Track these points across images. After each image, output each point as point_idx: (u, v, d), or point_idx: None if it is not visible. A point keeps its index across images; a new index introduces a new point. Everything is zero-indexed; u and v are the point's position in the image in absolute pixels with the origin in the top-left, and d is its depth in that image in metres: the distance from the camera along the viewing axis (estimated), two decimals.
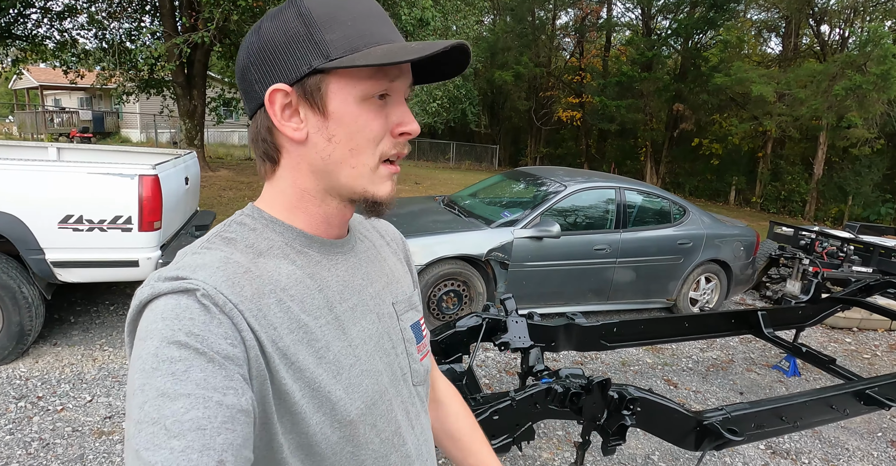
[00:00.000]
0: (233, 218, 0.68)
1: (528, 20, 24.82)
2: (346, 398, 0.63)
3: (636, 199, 5.10)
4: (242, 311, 0.56)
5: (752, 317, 3.82)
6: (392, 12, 7.50)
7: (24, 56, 11.26)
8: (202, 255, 0.61)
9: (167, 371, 0.50)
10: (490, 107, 28.23)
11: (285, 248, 0.66)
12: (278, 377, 0.58)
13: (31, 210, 3.19)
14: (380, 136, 0.64)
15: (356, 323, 0.68)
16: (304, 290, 0.64)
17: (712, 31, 20.51)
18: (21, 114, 25.38)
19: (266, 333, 0.57)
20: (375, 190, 0.66)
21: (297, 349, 0.60)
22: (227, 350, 0.53)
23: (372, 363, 0.69)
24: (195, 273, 0.56)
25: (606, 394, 2.10)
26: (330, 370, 0.62)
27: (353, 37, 0.61)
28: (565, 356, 4.23)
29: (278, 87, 0.61)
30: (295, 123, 0.63)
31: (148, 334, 0.52)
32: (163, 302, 0.54)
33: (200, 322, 0.53)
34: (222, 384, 0.51)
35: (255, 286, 0.59)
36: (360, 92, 0.62)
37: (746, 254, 5.53)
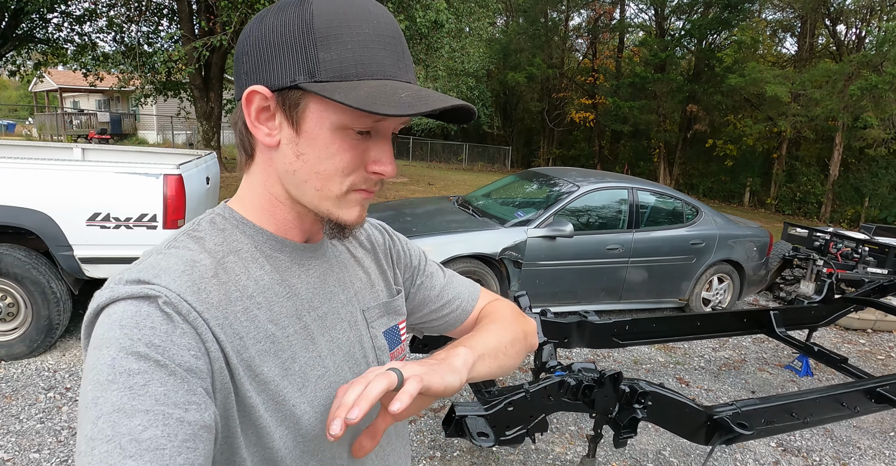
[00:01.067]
0: (203, 216, 0.65)
1: (540, 21, 24.83)
2: (310, 411, 0.61)
3: (649, 199, 5.13)
4: (207, 320, 0.53)
5: (764, 317, 3.84)
6: (407, 14, 7.59)
7: (45, 59, 11.51)
8: (167, 256, 0.57)
9: (124, 385, 0.46)
10: (503, 108, 28.26)
11: (254, 251, 0.63)
12: (243, 389, 0.55)
13: (60, 208, 3.31)
14: (350, 168, 0.60)
15: (326, 332, 0.66)
16: (273, 297, 0.61)
17: (726, 32, 20.40)
18: (41, 116, 25.86)
19: (231, 343, 0.55)
20: (340, 214, 0.62)
21: (262, 361, 0.57)
22: (189, 363, 0.50)
23: (340, 374, 0.66)
24: (158, 277, 0.53)
25: (618, 388, 2.16)
26: (295, 382, 0.60)
27: (348, 62, 0.56)
28: (578, 355, 4.28)
29: (258, 89, 0.58)
30: (269, 127, 0.60)
31: (104, 342, 0.49)
32: (121, 308, 0.51)
33: (162, 332, 0.50)
34: (184, 399, 0.48)
35: (221, 293, 0.56)
36: (338, 121, 0.58)
37: (759, 255, 5.54)
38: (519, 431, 2.09)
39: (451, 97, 0.58)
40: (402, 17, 7.49)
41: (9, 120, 29.27)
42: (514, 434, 2.08)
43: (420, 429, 2.98)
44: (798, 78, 15.54)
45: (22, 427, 2.80)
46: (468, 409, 1.98)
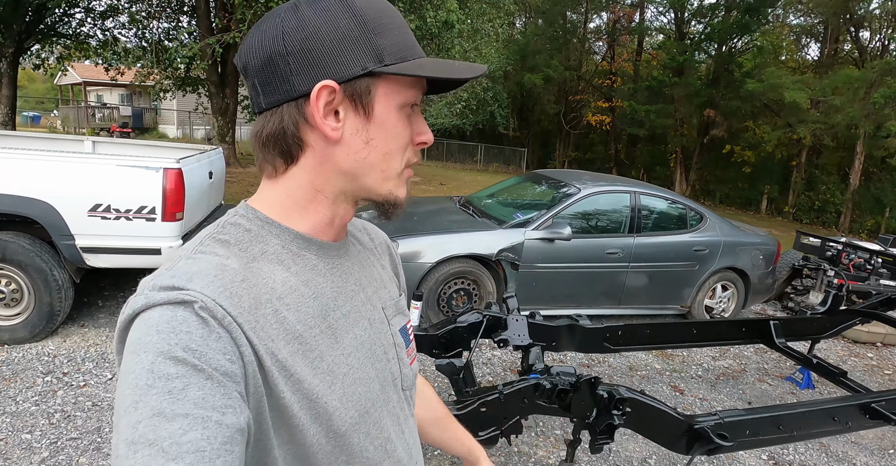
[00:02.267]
0: (226, 218, 0.66)
1: (559, 23, 24.73)
2: (340, 407, 0.63)
3: (651, 204, 5.09)
4: (241, 324, 0.55)
5: (763, 326, 3.77)
6: (418, 14, 7.62)
7: (68, 53, 11.76)
8: (197, 260, 0.59)
9: (163, 389, 0.48)
10: (519, 110, 28.18)
11: (281, 251, 0.64)
12: (277, 390, 0.57)
13: (63, 199, 3.38)
14: (407, 143, 0.66)
15: (349, 330, 0.68)
16: (300, 298, 0.63)
17: (747, 36, 20.13)
18: (65, 108, 26.41)
19: (264, 345, 0.56)
20: (399, 193, 0.68)
21: (294, 361, 0.59)
22: (225, 367, 0.51)
23: (364, 370, 0.68)
24: (191, 282, 0.54)
25: (595, 393, 2.14)
26: (325, 380, 0.62)
27: (402, 46, 0.62)
28: (573, 359, 4.26)
29: (328, 83, 0.59)
30: (332, 121, 0.62)
31: (141, 347, 0.50)
32: (157, 313, 0.52)
33: (198, 337, 0.51)
34: (221, 402, 0.49)
35: (252, 296, 0.58)
36: (402, 100, 0.64)
37: (766, 263, 5.46)
38: (492, 432, 2.09)
39: (482, 65, 0.68)
40: (412, 17, 7.51)
41: (35, 112, 29.91)
42: (487, 435, 2.08)
43: None
44: (818, 84, 15.27)
45: (17, 409, 2.88)
46: None
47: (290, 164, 0.64)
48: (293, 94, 0.60)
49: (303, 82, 0.60)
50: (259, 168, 0.67)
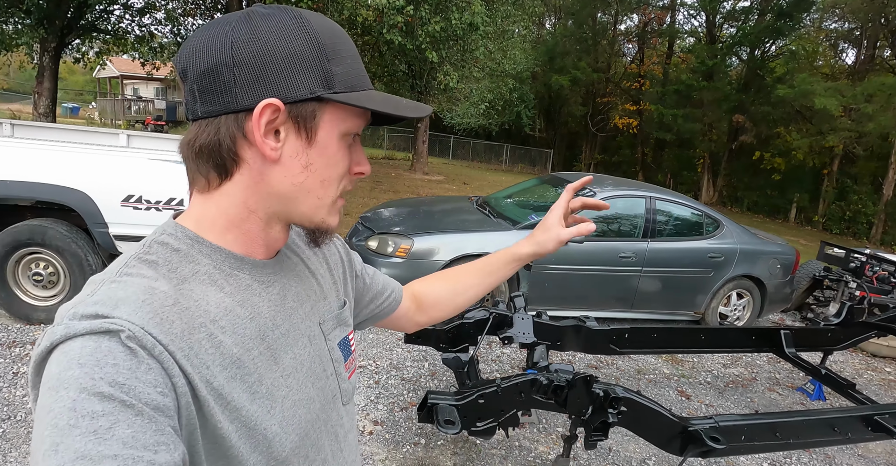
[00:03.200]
0: (153, 237, 0.62)
1: (588, 24, 24.60)
2: (281, 433, 0.61)
3: (667, 209, 5.11)
4: (173, 352, 0.51)
5: (774, 335, 3.78)
6: (443, 16, 7.72)
7: (106, 48, 12.19)
8: (122, 284, 0.54)
9: (88, 429, 0.44)
10: (546, 111, 28.11)
11: (213, 272, 0.61)
12: (213, 421, 0.54)
13: (99, 189, 3.58)
14: (345, 172, 0.65)
15: (288, 350, 0.66)
16: (236, 320, 0.60)
17: (781, 41, 19.76)
18: (103, 101, 27.22)
19: (199, 373, 0.53)
20: (331, 221, 0.67)
21: (231, 388, 0.56)
22: (156, 401, 0.48)
23: (304, 391, 0.67)
24: (117, 310, 0.51)
25: (591, 390, 2.22)
26: (264, 405, 0.60)
27: (352, 76, 0.62)
28: (581, 360, 4.32)
29: (273, 102, 0.57)
30: (272, 141, 0.59)
31: (62, 382, 0.46)
32: (79, 345, 0.48)
33: (126, 369, 0.47)
34: (153, 440, 0.46)
35: (184, 321, 0.54)
36: (346, 128, 0.63)
37: (784, 272, 5.43)
38: (490, 423, 2.19)
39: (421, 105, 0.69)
40: (437, 18, 7.62)
41: (74, 103, 30.87)
42: (484, 426, 2.18)
43: (410, 416, 3.11)
44: (851, 91, 14.93)
45: None
46: (441, 397, 2.10)
47: (224, 179, 0.61)
48: (234, 107, 0.58)
49: (246, 96, 0.57)
50: (190, 181, 0.64)
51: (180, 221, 0.64)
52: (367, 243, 4.53)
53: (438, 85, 9.98)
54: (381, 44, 8.03)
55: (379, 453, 2.79)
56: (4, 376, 3.09)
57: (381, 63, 13.01)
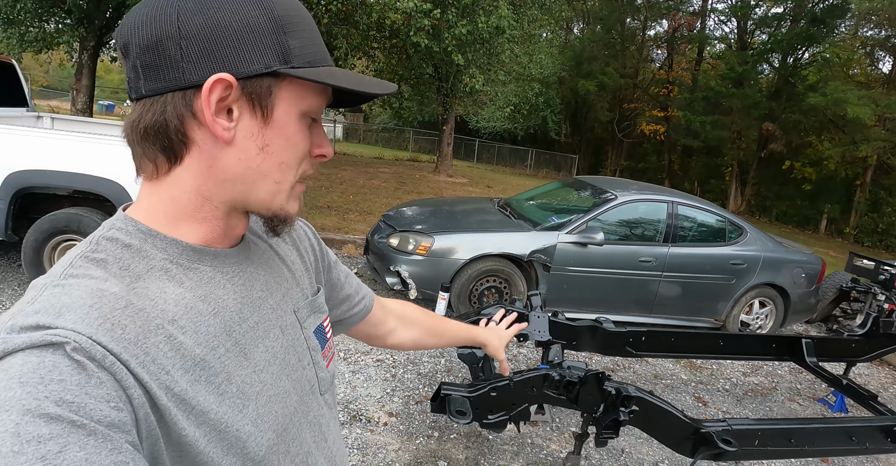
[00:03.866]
0: (100, 233, 0.57)
1: (617, 30, 24.46)
2: (255, 431, 0.58)
3: (689, 214, 5.08)
4: (126, 361, 0.47)
5: (795, 344, 3.73)
6: (470, 19, 7.79)
7: None
8: (67, 288, 0.50)
9: (35, 455, 0.39)
10: (572, 116, 28.00)
11: (169, 266, 0.56)
12: (176, 429, 0.50)
13: (132, 180, 3.70)
14: (305, 155, 0.61)
15: (259, 343, 0.62)
16: (197, 317, 0.56)
17: (814, 48, 19.38)
18: None
19: (157, 380, 0.49)
20: (290, 208, 0.62)
21: (195, 391, 0.52)
22: (110, 417, 0.44)
23: (280, 384, 0.63)
24: (61, 318, 0.46)
25: (603, 388, 2.25)
26: (234, 405, 0.56)
27: (311, 50, 0.58)
28: (598, 363, 4.32)
29: (224, 77, 0.52)
30: (224, 120, 0.54)
31: (2, 405, 0.41)
32: (20, 361, 0.43)
33: (74, 385, 0.43)
34: (109, 460, 0.42)
35: (138, 324, 0.50)
36: (306, 107, 0.58)
37: (808, 282, 5.35)
38: (501, 416, 2.22)
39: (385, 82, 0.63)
40: (464, 22, 7.69)
41: (110, 101, 31.73)
42: (496, 419, 2.22)
43: (424, 409, 3.16)
44: (886, 100, 14.56)
45: None
46: (453, 388, 2.14)
47: (172, 163, 0.56)
48: (181, 83, 0.53)
49: (195, 72, 0.52)
50: (137, 167, 0.58)
51: (130, 213, 0.59)
52: (389, 240, 4.60)
53: (464, 88, 10.05)
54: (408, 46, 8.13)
55: (393, 443, 2.84)
56: None
57: (408, 65, 13.14)
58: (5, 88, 5.14)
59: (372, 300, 0.99)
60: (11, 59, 5.27)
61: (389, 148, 25.28)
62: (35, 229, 3.79)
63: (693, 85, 23.63)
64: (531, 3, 10.32)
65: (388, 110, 13.90)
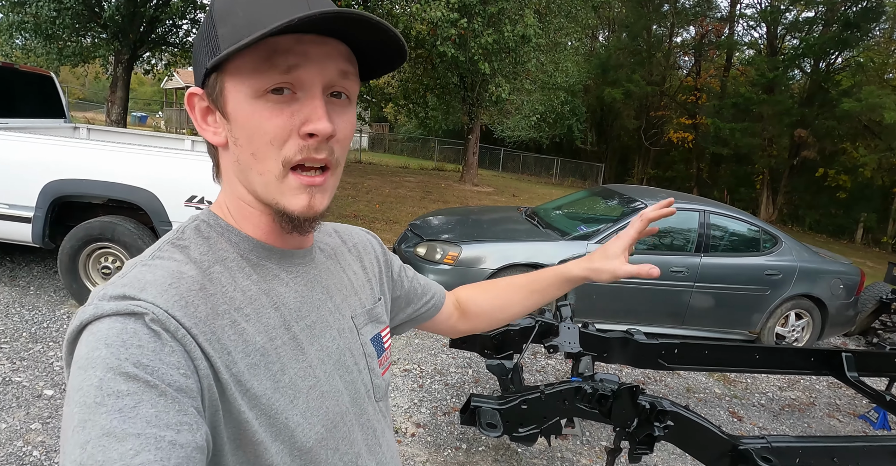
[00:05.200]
0: (187, 223, 0.63)
1: (643, 37, 24.26)
2: (304, 423, 0.60)
3: (722, 223, 4.96)
4: (196, 336, 0.52)
5: (834, 358, 3.61)
6: (496, 28, 7.79)
7: (174, 60, 12.88)
8: (152, 267, 0.56)
9: (113, 407, 0.44)
10: (598, 124, 27.80)
11: (240, 260, 0.62)
12: (234, 406, 0.54)
13: (165, 189, 3.79)
14: (280, 137, 0.56)
15: (315, 341, 0.65)
16: (260, 308, 0.60)
17: (847, 52, 18.92)
18: (169, 110, 28.65)
19: (220, 358, 0.54)
20: (286, 202, 0.59)
21: (251, 375, 0.56)
22: (179, 382, 0.48)
23: (332, 383, 0.65)
24: (144, 292, 0.52)
25: (637, 402, 2.19)
26: (286, 394, 0.59)
27: (241, 26, 0.54)
28: (628, 375, 4.23)
29: (193, 90, 0.59)
30: (213, 126, 0.60)
31: (90, 362, 0.47)
32: (106, 325, 0.49)
33: (150, 351, 0.48)
34: (175, 419, 0.46)
35: (209, 306, 0.55)
36: (248, 88, 0.56)
37: (847, 293, 5.17)
38: (532, 430, 2.18)
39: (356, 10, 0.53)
40: (490, 31, 7.69)
41: (142, 113, 32.60)
42: (527, 432, 2.18)
43: (452, 421, 3.13)
44: None
45: None
46: (484, 401, 2.11)
47: (217, 167, 0.65)
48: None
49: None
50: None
51: (213, 208, 0.66)
52: (416, 249, 4.59)
53: (490, 97, 10.05)
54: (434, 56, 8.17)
55: (420, 455, 2.81)
56: None
57: (434, 75, 13.20)
58: (45, 100, 5.31)
59: (442, 297, 1.00)
60: (50, 72, 5.44)
61: (415, 157, 25.42)
62: (71, 237, 3.88)
63: (722, 92, 23.26)
64: (557, 12, 10.31)
65: (414, 120, 13.98)
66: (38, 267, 4.76)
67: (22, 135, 3.89)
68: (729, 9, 23.47)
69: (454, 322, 1.03)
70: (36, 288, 4.31)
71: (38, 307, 3.98)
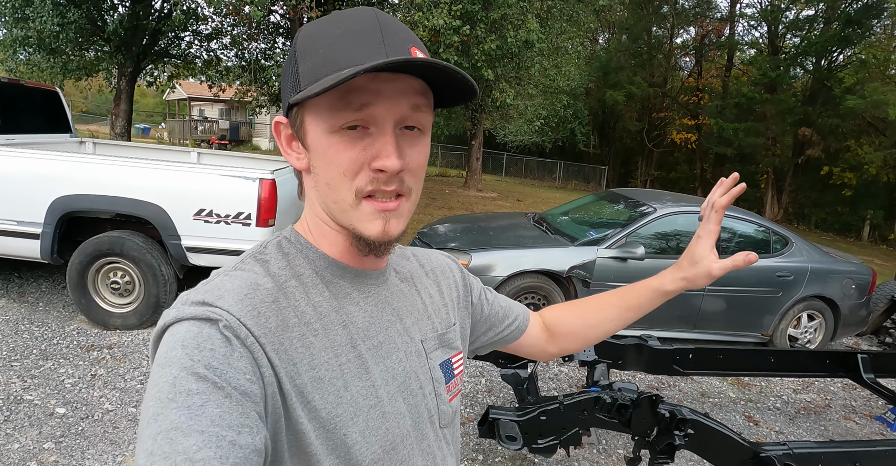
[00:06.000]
0: (271, 239, 0.68)
1: (643, 39, 24.27)
2: (361, 441, 0.61)
3: (731, 226, 4.93)
4: (264, 345, 0.55)
5: (850, 359, 3.57)
6: (499, 34, 7.79)
7: (177, 72, 12.94)
8: (233, 278, 0.60)
9: (183, 404, 0.48)
10: (601, 127, 27.78)
11: (315, 277, 0.65)
12: (294, 415, 0.57)
13: (173, 203, 3.78)
14: (353, 169, 0.60)
15: (380, 362, 0.66)
16: (329, 324, 0.62)
17: (849, 50, 18.87)
18: (172, 121, 28.79)
19: (285, 369, 0.56)
20: (362, 228, 0.62)
21: (314, 388, 0.58)
22: (244, 386, 0.51)
23: (394, 404, 0.66)
24: (221, 300, 0.55)
25: (656, 411, 2.16)
26: (347, 411, 0.60)
27: (319, 65, 0.58)
28: (642, 381, 4.20)
29: (278, 119, 0.65)
30: (297, 151, 0.65)
31: (168, 360, 0.51)
32: (185, 328, 0.53)
33: (220, 355, 0.52)
34: (237, 421, 0.49)
35: (279, 318, 0.58)
36: (325, 123, 0.59)
37: (859, 293, 5.12)
38: (551, 441, 2.16)
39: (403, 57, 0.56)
40: (493, 37, 7.69)
41: (145, 124, 32.77)
42: (546, 444, 2.15)
43: (467, 431, 3.10)
44: None
45: (125, 386, 3.24)
46: (502, 413, 2.09)
47: (301, 186, 0.69)
48: None
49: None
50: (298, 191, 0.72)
51: (296, 227, 0.70)
52: None
53: (493, 103, 10.07)
54: None
55: None
56: (83, 377, 3.28)
57: None
58: (51, 115, 5.33)
59: (526, 320, 0.97)
60: (56, 87, 5.46)
61: None
62: (79, 252, 3.87)
63: (724, 92, 23.25)
64: (559, 16, 10.31)
65: None
66: (47, 283, 4.76)
67: (29, 151, 3.90)
68: (729, 9, 23.50)
69: (543, 345, 1.00)
70: (45, 304, 4.31)
71: (48, 323, 3.98)
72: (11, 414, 2.83)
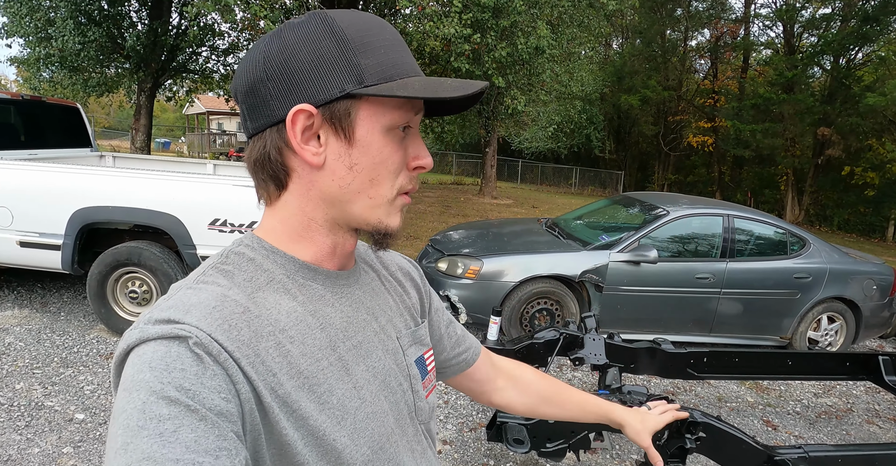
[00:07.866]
0: (231, 248, 0.64)
1: (657, 42, 24.16)
2: (351, 444, 0.60)
3: (747, 227, 4.87)
4: (238, 359, 0.52)
5: (871, 361, 3.50)
6: (509, 41, 7.83)
7: (195, 87, 13.21)
8: (197, 291, 0.57)
9: (154, 431, 0.45)
10: (616, 132, 27.66)
11: (286, 281, 0.62)
12: (278, 428, 0.54)
13: (189, 213, 3.86)
14: (399, 168, 0.63)
15: (360, 362, 0.65)
16: (305, 329, 0.60)
17: (867, 47, 18.56)
18: (191, 135, 29.31)
19: (264, 381, 0.54)
20: (389, 221, 0.64)
21: (298, 397, 0.56)
22: (220, 406, 0.49)
23: (378, 403, 0.66)
24: (188, 315, 0.52)
25: None
26: (334, 415, 0.59)
27: (387, 65, 0.59)
28: (657, 386, 4.15)
29: (303, 107, 0.58)
30: (314, 146, 0.60)
31: (134, 384, 0.48)
32: (151, 349, 0.50)
33: (192, 375, 0.49)
34: (214, 445, 0.47)
35: (252, 329, 0.55)
36: (388, 122, 0.60)
37: (881, 294, 5.02)
38: (560, 445, 2.15)
39: (481, 82, 0.62)
40: (503, 44, 7.74)
41: (165, 139, 33.42)
42: (554, 447, 2.14)
43: (478, 437, 3.09)
44: None
45: None
46: (510, 416, 2.08)
47: (280, 190, 0.63)
48: (273, 119, 0.60)
49: (281, 107, 0.59)
50: (257, 196, 0.67)
51: (257, 232, 0.66)
52: (437, 265, 4.59)
53: (506, 110, 10.09)
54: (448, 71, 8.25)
55: None
56: (102, 384, 3.35)
57: None
58: (72, 130, 5.48)
59: (476, 353, 0.95)
60: (76, 103, 5.62)
61: (433, 172, 25.54)
62: (99, 263, 3.97)
63: (740, 93, 23.00)
64: (570, 22, 10.33)
65: (430, 135, 14.09)
66: (68, 293, 4.88)
67: (50, 165, 4.02)
68: (743, 10, 23.29)
69: (490, 389, 0.98)
70: (66, 314, 4.42)
71: (69, 331, 4.07)
72: (32, 420, 2.91)
